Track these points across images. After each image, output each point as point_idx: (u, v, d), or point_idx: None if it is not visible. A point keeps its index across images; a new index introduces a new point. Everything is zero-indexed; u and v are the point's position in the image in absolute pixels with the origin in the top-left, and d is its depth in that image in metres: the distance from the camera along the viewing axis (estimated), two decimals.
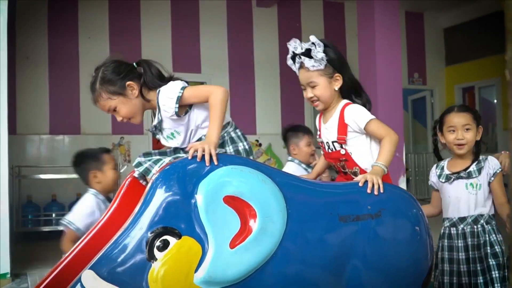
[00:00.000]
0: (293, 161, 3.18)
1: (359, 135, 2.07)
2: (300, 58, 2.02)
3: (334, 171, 2.29)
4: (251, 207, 1.50)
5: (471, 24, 8.69)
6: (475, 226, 2.25)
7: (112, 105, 1.95)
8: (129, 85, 1.95)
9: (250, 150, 2.01)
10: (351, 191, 1.83)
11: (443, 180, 2.36)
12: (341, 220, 1.70)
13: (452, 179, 2.32)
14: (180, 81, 1.97)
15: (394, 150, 2.00)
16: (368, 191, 1.80)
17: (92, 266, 1.44)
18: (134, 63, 2.03)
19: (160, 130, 2.00)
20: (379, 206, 1.78)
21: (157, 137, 2.08)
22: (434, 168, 2.49)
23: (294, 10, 7.81)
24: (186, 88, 1.91)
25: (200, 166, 1.54)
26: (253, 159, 1.87)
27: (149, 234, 1.44)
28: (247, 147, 2.00)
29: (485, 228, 2.25)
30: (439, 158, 2.51)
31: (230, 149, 1.97)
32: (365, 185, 1.82)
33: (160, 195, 1.48)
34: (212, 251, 1.44)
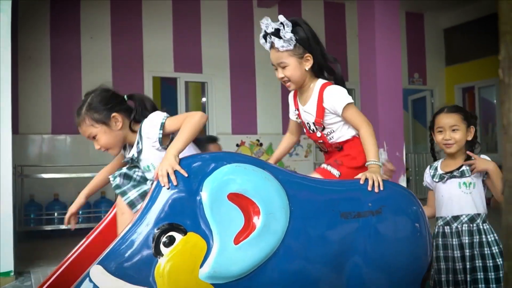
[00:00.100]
0: None
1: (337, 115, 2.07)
2: (271, 37, 2.00)
3: (318, 149, 2.28)
4: (254, 204, 1.52)
5: (471, 24, 8.71)
6: (471, 225, 2.26)
7: (93, 132, 1.97)
8: (114, 116, 1.98)
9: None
10: (352, 188, 1.85)
11: (437, 180, 2.39)
12: (342, 217, 1.72)
13: (445, 179, 2.35)
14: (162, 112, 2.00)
15: (376, 140, 2.00)
16: (369, 188, 1.82)
17: (101, 261, 1.46)
18: (125, 96, 2.06)
19: (137, 161, 2.00)
20: (379, 203, 1.81)
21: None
22: (428, 168, 2.52)
23: (294, 10, 7.82)
24: (168, 117, 1.94)
25: (205, 164, 1.57)
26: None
27: (155, 230, 1.46)
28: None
29: (481, 227, 2.26)
30: (435, 158, 2.54)
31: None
32: (366, 182, 1.84)
33: (166, 193, 1.51)
34: (217, 247, 1.47)
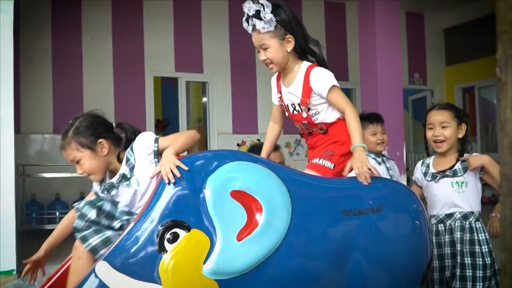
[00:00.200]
0: None
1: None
2: (252, 20, 2.04)
3: (299, 133, 2.28)
4: (257, 201, 1.54)
5: (471, 24, 8.73)
6: (464, 222, 2.27)
7: (78, 156, 1.93)
8: (101, 142, 1.96)
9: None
10: (353, 186, 1.86)
11: (429, 179, 2.39)
12: (343, 214, 1.73)
13: (438, 178, 2.35)
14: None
15: (359, 123, 2.01)
16: (364, 182, 1.84)
17: (106, 257, 1.48)
18: (113, 124, 2.06)
19: (128, 179, 1.91)
20: (380, 201, 1.83)
21: (112, 192, 1.97)
22: (419, 164, 2.52)
23: (295, 10, 7.74)
24: (160, 137, 1.96)
25: (208, 162, 1.59)
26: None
27: (159, 227, 1.48)
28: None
29: (473, 225, 2.26)
30: (428, 155, 2.56)
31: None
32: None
33: (170, 190, 1.52)
34: (220, 243, 1.48)
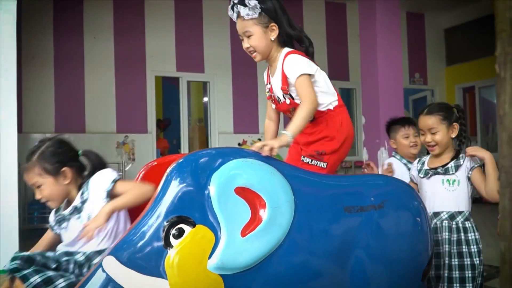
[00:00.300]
0: (394, 156, 3.02)
1: None
2: (237, 7, 2.02)
3: None
4: (261, 198, 1.56)
5: (472, 24, 8.76)
6: (451, 222, 2.26)
7: (39, 182, 1.91)
8: (64, 171, 1.93)
9: None
10: (356, 183, 1.89)
11: (422, 175, 2.41)
12: (345, 211, 1.76)
13: (430, 175, 2.37)
14: None
15: (308, 118, 1.98)
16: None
17: (112, 252, 1.51)
18: (79, 151, 2.03)
19: (79, 211, 1.90)
20: (382, 198, 1.85)
21: (54, 228, 1.97)
22: (416, 162, 2.55)
23: (296, 10, 7.85)
24: (121, 179, 1.95)
25: (212, 159, 1.61)
26: None
27: (165, 223, 1.50)
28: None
29: (460, 225, 2.24)
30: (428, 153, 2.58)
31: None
32: (368, 177, 1.89)
33: (175, 186, 1.54)
34: (225, 239, 1.51)
